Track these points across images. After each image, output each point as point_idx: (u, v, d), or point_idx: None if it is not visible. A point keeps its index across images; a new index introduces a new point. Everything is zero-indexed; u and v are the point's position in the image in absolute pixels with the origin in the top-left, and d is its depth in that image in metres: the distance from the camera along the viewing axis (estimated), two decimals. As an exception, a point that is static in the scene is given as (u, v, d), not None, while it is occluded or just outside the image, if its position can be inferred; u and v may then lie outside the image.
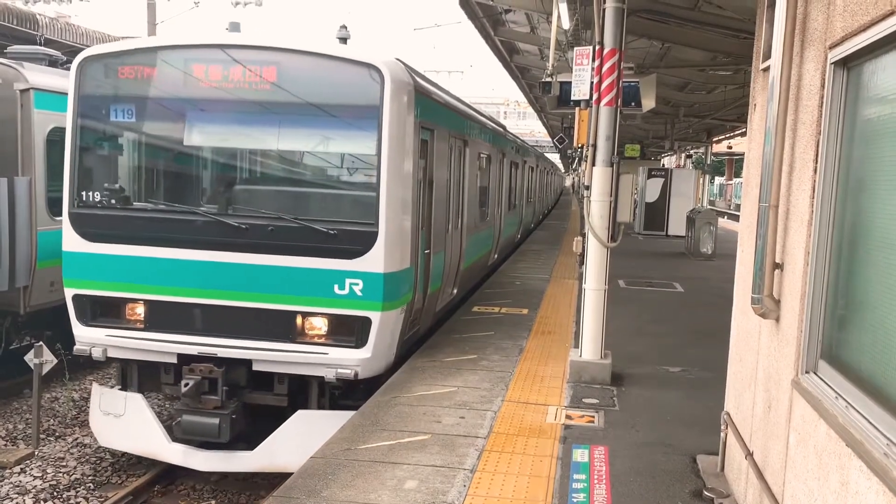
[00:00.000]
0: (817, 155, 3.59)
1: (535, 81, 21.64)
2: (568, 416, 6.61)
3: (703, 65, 16.02)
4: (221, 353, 7.05)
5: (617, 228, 7.79)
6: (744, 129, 26.43)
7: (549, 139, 47.81)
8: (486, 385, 7.42)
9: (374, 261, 6.97)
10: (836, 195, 3.50)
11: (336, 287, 6.97)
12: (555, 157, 57.78)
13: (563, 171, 69.67)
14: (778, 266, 4.07)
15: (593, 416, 6.64)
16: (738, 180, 58.26)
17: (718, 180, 64.41)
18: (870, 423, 2.88)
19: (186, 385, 6.83)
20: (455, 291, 10.92)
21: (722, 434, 5.42)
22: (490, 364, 8.21)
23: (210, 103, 7.42)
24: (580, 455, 5.74)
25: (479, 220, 12.30)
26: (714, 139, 32.33)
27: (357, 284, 6.95)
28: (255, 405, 7.33)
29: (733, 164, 62.86)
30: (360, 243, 6.97)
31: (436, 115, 8.73)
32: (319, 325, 7.13)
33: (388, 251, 7.00)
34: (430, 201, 8.54)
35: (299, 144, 7.72)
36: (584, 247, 7.99)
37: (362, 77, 7.07)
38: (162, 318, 7.25)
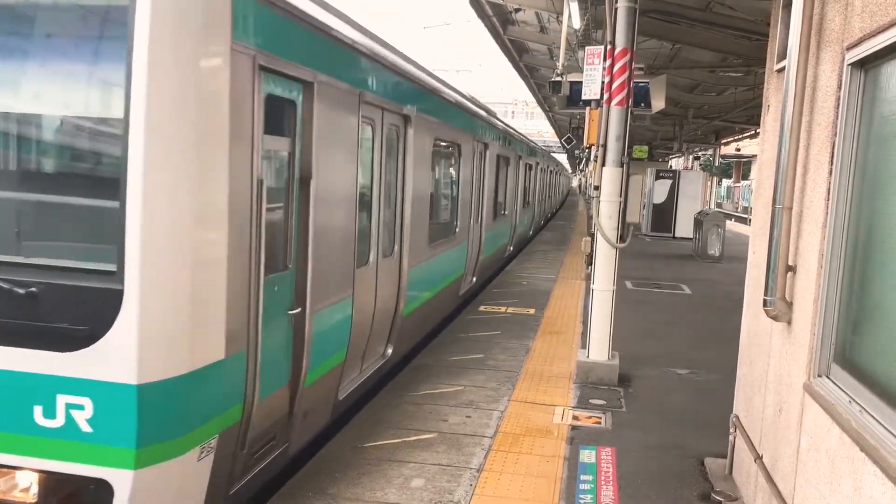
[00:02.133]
0: (833, 157, 3.55)
1: (543, 81, 21.59)
2: (575, 417, 6.59)
3: (713, 66, 15.94)
4: None
5: (626, 229, 7.77)
6: (753, 132, 26.36)
7: (557, 139, 47.73)
8: (493, 384, 7.39)
9: (117, 356, 3.37)
10: (851, 197, 3.46)
11: (40, 413, 3.43)
12: (562, 158, 57.71)
13: (570, 171, 69.55)
14: (791, 268, 4.03)
15: (600, 417, 6.62)
16: (745, 183, 58.02)
17: (726, 182, 64.17)
18: (885, 427, 2.85)
19: None
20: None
21: (731, 437, 5.39)
22: (496, 363, 8.19)
23: None
24: (587, 456, 5.71)
25: (425, 246, 8.36)
26: (722, 141, 32.21)
27: (80, 409, 3.40)
28: None
29: (741, 167, 62.64)
30: (85, 315, 3.40)
31: (320, 53, 4.96)
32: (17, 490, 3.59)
33: (150, 330, 3.41)
34: (304, 216, 4.85)
35: None
36: (592, 247, 7.96)
37: None
38: None
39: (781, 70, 4.39)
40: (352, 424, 6.16)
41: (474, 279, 12.13)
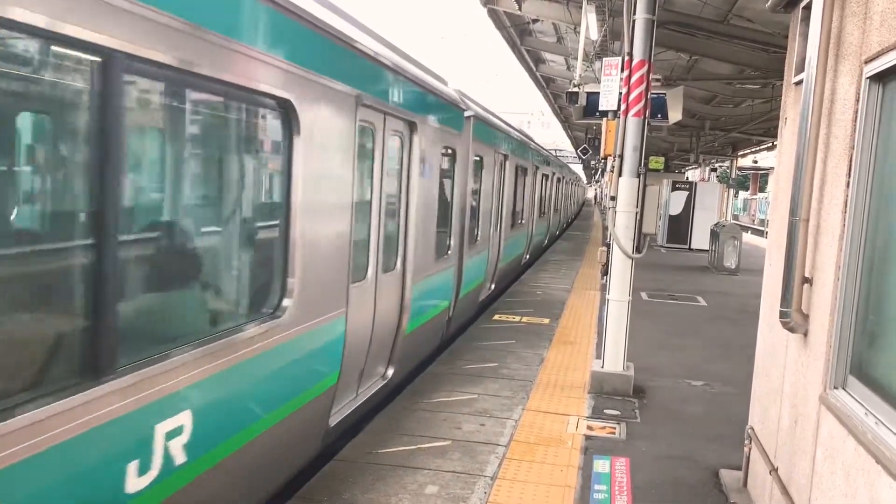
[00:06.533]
0: (850, 169, 3.56)
1: (560, 91, 21.65)
2: (589, 427, 6.59)
3: (730, 78, 15.95)
4: None
5: (642, 240, 7.77)
6: (770, 144, 26.26)
7: (573, 149, 47.72)
8: (507, 393, 7.41)
9: None
10: (868, 210, 3.47)
11: None
12: (577, 168, 57.61)
13: (585, 181, 69.41)
14: (807, 280, 4.04)
15: (615, 428, 6.61)
16: (762, 195, 57.67)
17: (743, 195, 63.81)
18: (900, 440, 2.86)
19: None
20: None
21: (745, 449, 5.38)
22: (511, 372, 8.21)
23: None
24: (601, 466, 5.71)
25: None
26: (739, 153, 32.10)
27: None
28: None
29: (758, 179, 62.29)
30: None
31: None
32: None
33: None
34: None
35: None
36: (608, 257, 7.97)
37: None
38: None
39: (799, 83, 4.41)
40: (367, 431, 6.20)
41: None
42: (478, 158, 10.23)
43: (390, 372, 6.89)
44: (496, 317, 11.41)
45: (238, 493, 4.18)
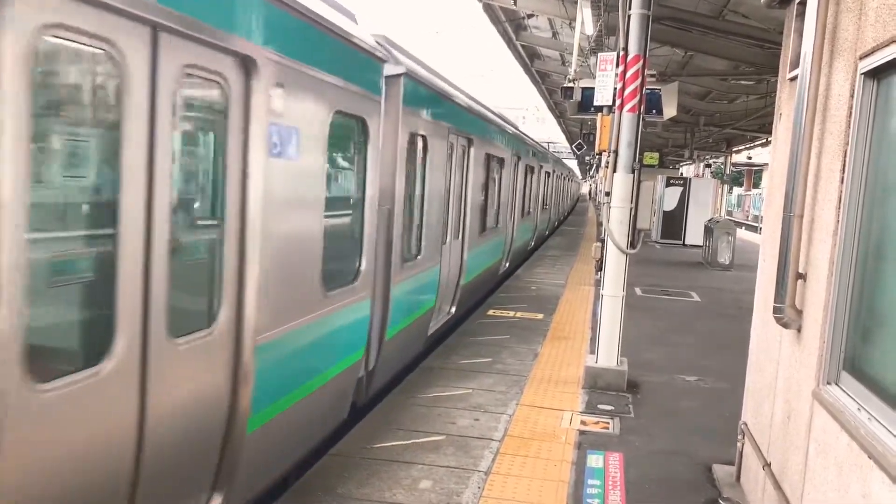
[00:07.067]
0: (844, 165, 3.57)
1: (555, 87, 21.64)
2: (583, 422, 6.60)
3: (725, 74, 15.96)
4: None
5: (637, 235, 7.78)
6: (764, 140, 26.30)
7: (568, 144, 47.74)
8: (501, 388, 7.42)
9: None
10: (862, 206, 3.48)
11: None
12: (572, 163, 57.67)
13: (580, 177, 69.46)
14: (801, 276, 4.05)
15: (608, 423, 6.63)
16: (756, 191, 57.80)
17: (737, 191, 63.97)
18: (893, 435, 2.87)
19: None
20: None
21: (739, 444, 5.40)
22: (505, 367, 8.21)
23: None
24: (595, 461, 5.73)
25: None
26: (734, 149, 32.14)
27: None
28: None
29: (752, 175, 62.46)
30: None
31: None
32: None
33: None
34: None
35: None
36: (602, 253, 7.98)
37: None
38: None
39: (794, 79, 4.41)
40: (362, 425, 6.20)
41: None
42: (415, 139, 7.34)
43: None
44: (490, 312, 11.42)
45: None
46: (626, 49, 7.31)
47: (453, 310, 10.04)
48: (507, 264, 15.00)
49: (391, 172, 6.58)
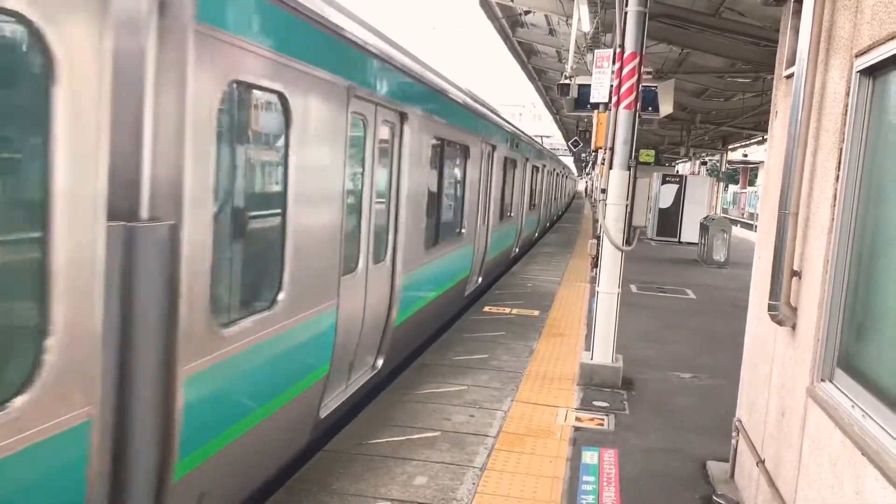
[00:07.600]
0: (840, 163, 3.58)
1: (551, 84, 21.61)
2: (578, 419, 6.61)
3: (721, 71, 15.96)
4: None
5: (632, 232, 7.79)
6: (760, 138, 26.33)
7: (564, 141, 47.72)
8: (496, 385, 7.42)
9: None
10: (857, 204, 3.48)
11: None
12: (568, 160, 57.67)
13: (576, 174, 69.44)
14: (796, 273, 4.05)
15: (603, 419, 6.64)
16: (752, 189, 57.86)
17: (732, 188, 64.01)
18: (887, 432, 2.88)
19: None
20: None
21: (733, 441, 5.41)
22: (500, 364, 8.22)
23: None
24: (590, 457, 5.74)
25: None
26: (730, 147, 32.19)
27: None
28: None
29: (748, 173, 62.50)
30: None
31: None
32: None
33: None
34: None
35: None
36: (598, 249, 7.98)
37: None
38: None
39: (790, 76, 4.41)
40: (356, 421, 6.20)
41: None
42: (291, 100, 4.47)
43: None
44: (486, 308, 11.42)
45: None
46: (622, 46, 7.30)
47: (382, 359, 7.50)
48: (480, 279, 12.89)
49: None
